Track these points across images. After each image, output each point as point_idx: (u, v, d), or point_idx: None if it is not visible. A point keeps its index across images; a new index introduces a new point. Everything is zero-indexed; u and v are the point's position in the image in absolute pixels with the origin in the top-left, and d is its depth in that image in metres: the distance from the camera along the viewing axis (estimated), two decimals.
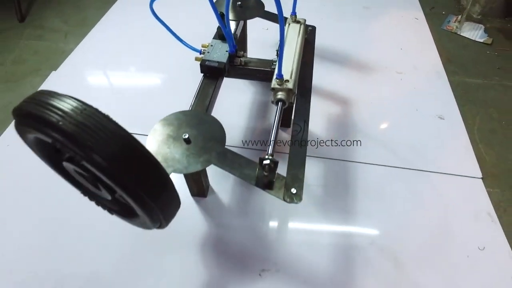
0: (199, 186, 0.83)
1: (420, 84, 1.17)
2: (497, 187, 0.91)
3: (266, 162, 0.60)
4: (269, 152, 0.62)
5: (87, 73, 1.20)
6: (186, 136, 0.66)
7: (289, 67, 0.74)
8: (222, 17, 0.78)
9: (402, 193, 0.89)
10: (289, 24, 0.88)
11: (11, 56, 1.26)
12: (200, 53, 0.84)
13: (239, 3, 1.01)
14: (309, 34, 0.95)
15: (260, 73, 0.83)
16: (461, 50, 1.34)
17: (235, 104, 1.08)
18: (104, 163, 0.38)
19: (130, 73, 1.21)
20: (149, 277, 0.74)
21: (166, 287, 0.73)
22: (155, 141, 0.66)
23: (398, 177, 0.92)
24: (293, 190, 0.63)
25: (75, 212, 0.83)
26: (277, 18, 0.55)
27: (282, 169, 0.62)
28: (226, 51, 0.83)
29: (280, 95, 0.70)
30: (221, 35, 0.86)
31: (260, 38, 1.29)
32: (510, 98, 1.15)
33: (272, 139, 0.64)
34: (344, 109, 1.08)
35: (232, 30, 0.96)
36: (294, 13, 0.88)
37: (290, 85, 0.71)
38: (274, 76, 0.71)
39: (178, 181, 0.86)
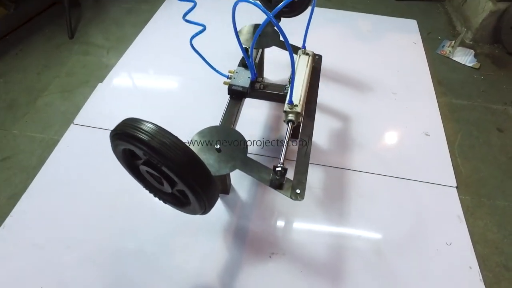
0: (223, 185, 1.04)
1: (412, 103, 1.36)
2: (468, 195, 1.10)
3: (278, 168, 0.80)
4: (280, 161, 0.83)
5: (127, 85, 1.42)
6: (218, 147, 0.87)
7: (298, 94, 0.94)
8: (246, 51, 0.99)
9: (388, 197, 1.08)
10: (299, 55, 1.08)
11: (65, 69, 1.49)
12: (228, 78, 1.05)
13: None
14: (316, 62, 1.15)
15: (275, 96, 1.04)
16: (451, 73, 1.51)
17: (254, 117, 1.28)
18: (174, 166, 0.59)
19: (163, 86, 1.43)
20: (182, 253, 0.95)
21: (195, 261, 0.94)
22: (194, 149, 0.87)
23: (386, 183, 1.11)
24: (298, 191, 0.83)
25: (126, 199, 1.05)
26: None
27: (289, 173, 0.82)
28: (248, 77, 1.03)
29: (291, 116, 0.91)
30: (244, 63, 1.07)
31: (276, 58, 1.48)
32: (489, 118, 1.33)
33: (283, 151, 0.85)
34: (344, 123, 1.27)
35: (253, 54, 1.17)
36: (304, 47, 1.09)
37: (298, 109, 0.91)
38: (286, 101, 0.91)
39: None
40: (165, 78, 1.46)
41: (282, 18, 1.30)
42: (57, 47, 1.60)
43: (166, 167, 0.60)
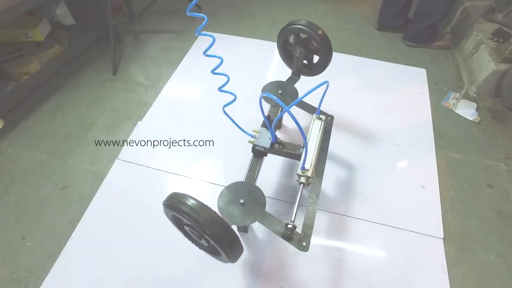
0: (243, 226, 1.25)
1: (412, 156, 1.53)
2: (453, 246, 1.27)
3: (289, 226, 1.00)
4: (292, 219, 1.03)
5: (163, 124, 1.65)
6: (242, 201, 1.08)
7: (310, 160, 1.14)
8: (268, 119, 1.19)
9: (381, 244, 1.27)
10: (313, 120, 1.27)
11: (110, 105, 1.73)
12: (252, 137, 1.25)
13: (280, 91, 1.41)
14: (327, 123, 1.33)
15: (290, 154, 1.23)
16: (453, 127, 1.67)
17: (271, 163, 1.48)
18: (211, 233, 0.81)
19: (196, 125, 1.64)
20: (207, 282, 1.17)
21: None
22: (223, 202, 1.07)
23: (380, 231, 1.30)
24: (304, 243, 1.03)
25: (163, 232, 1.27)
26: (308, 108, 0.98)
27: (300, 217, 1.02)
28: (269, 138, 1.23)
29: (302, 179, 1.10)
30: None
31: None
32: (481, 173, 1.49)
33: (294, 210, 1.05)
34: (348, 173, 1.46)
35: (271, 113, 1.37)
36: (318, 113, 1.28)
37: (309, 173, 1.10)
38: (300, 166, 1.11)
39: None
40: (197, 119, 1.67)
41: (302, 76, 1.49)
42: (102, 82, 1.84)
43: (206, 234, 0.81)
